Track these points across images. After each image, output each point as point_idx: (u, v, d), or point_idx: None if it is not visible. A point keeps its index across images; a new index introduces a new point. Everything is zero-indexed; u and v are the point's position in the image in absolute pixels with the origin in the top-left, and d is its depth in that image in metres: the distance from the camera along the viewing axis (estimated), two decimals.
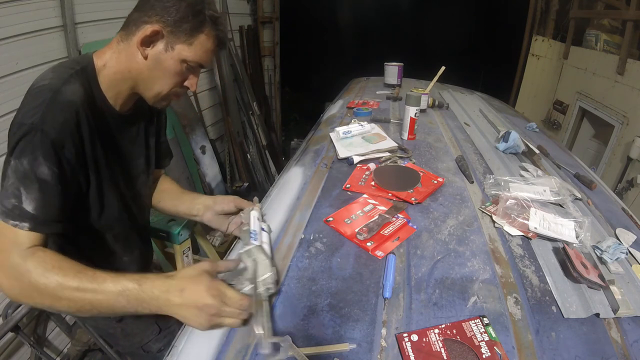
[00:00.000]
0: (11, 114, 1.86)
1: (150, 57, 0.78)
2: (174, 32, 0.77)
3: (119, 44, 0.79)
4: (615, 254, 0.89)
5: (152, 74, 0.80)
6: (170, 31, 0.76)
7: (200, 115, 3.50)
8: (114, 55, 0.79)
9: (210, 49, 0.82)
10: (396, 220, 0.99)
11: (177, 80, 0.82)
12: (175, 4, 0.76)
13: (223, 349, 0.65)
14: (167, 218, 1.40)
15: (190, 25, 0.77)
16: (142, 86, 0.82)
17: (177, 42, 0.78)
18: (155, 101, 0.85)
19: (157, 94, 0.83)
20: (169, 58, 0.78)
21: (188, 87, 0.86)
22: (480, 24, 5.63)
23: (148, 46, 0.77)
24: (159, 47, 0.78)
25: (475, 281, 0.80)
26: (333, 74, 4.36)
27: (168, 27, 0.76)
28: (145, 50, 0.77)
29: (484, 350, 0.64)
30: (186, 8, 0.76)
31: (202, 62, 0.83)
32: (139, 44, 0.76)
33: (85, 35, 2.19)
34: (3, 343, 1.75)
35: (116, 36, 0.80)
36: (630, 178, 2.77)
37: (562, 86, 3.83)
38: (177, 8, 0.75)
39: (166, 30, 0.76)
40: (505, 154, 1.51)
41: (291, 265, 0.85)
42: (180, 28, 0.77)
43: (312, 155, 1.44)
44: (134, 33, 0.77)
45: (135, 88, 0.83)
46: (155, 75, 0.80)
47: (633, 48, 2.83)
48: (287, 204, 1.09)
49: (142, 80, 0.81)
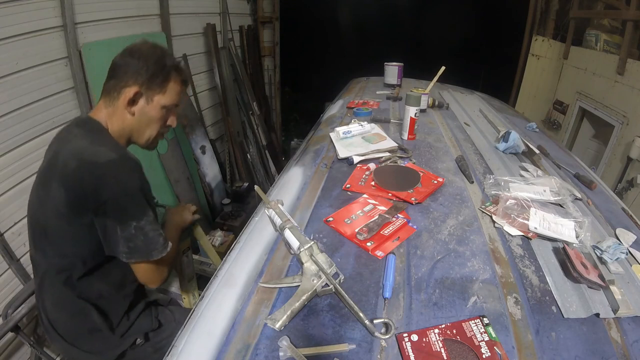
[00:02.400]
0: (11, 113, 1.87)
1: (137, 112, 0.96)
2: (150, 88, 0.95)
3: (107, 109, 0.96)
4: (615, 254, 0.89)
5: (142, 125, 0.99)
6: (146, 88, 0.94)
7: (200, 115, 3.50)
8: (108, 118, 0.96)
9: (180, 90, 1.02)
10: (396, 220, 0.99)
11: (161, 123, 1.02)
12: (143, 66, 0.93)
13: (223, 349, 0.65)
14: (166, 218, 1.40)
15: (161, 79, 0.95)
16: (135, 136, 1.01)
17: (154, 94, 0.96)
18: (147, 145, 1.05)
19: (148, 139, 1.03)
20: (152, 109, 0.97)
21: (170, 124, 1.06)
22: (480, 24, 5.62)
23: (133, 105, 0.95)
24: (141, 103, 0.96)
25: (475, 281, 0.80)
26: (333, 74, 4.36)
27: (144, 85, 0.94)
28: (131, 109, 0.95)
29: (484, 350, 0.64)
30: (154, 66, 0.94)
31: (176, 103, 1.02)
32: (125, 106, 0.94)
33: (85, 35, 2.19)
34: (3, 343, 1.75)
35: (99, 102, 0.97)
36: (630, 178, 2.76)
37: (562, 86, 3.83)
38: (146, 69, 0.93)
39: (143, 88, 0.94)
40: (505, 154, 1.51)
41: (291, 265, 0.85)
42: (154, 83, 0.95)
43: (312, 155, 1.44)
44: (117, 98, 0.94)
45: (131, 139, 1.02)
46: (144, 125, 0.99)
47: (633, 48, 2.83)
48: (287, 204, 1.09)
49: (135, 132, 1.00)
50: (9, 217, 1.87)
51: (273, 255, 0.89)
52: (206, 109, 3.70)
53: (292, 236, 0.81)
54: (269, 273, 0.83)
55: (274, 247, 0.91)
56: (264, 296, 0.76)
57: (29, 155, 1.95)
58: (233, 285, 0.80)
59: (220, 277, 0.84)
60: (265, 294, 0.77)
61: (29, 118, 1.92)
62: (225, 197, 3.69)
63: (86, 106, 2.23)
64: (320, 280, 0.74)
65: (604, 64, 3.09)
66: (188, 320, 0.74)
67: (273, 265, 0.85)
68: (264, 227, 0.99)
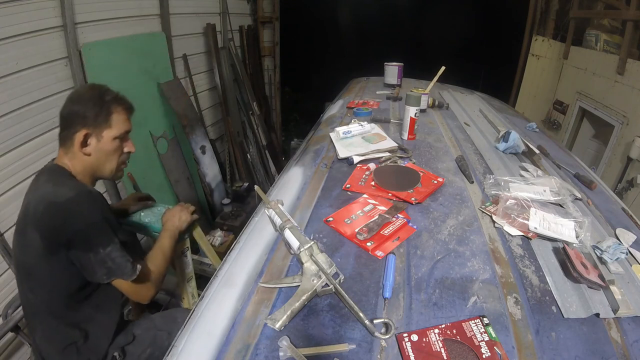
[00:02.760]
0: (11, 113, 1.87)
1: (92, 152, 1.03)
2: (97, 126, 1.02)
3: (67, 155, 1.03)
4: (615, 254, 0.89)
5: (101, 161, 1.06)
6: (93, 127, 1.01)
7: (200, 115, 3.50)
8: (70, 163, 1.03)
9: (125, 117, 1.09)
10: (396, 220, 0.99)
11: (118, 153, 1.10)
12: (85, 109, 1.00)
13: (223, 349, 0.65)
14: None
15: (104, 114, 1.02)
16: (99, 172, 1.09)
17: (102, 130, 1.03)
18: (112, 176, 1.13)
19: (111, 171, 1.11)
20: (104, 144, 1.04)
21: (129, 151, 1.13)
22: (480, 24, 5.63)
23: (86, 146, 1.02)
24: (93, 142, 1.03)
25: (475, 281, 0.80)
26: (333, 74, 4.36)
27: (90, 126, 1.01)
28: (86, 150, 1.02)
29: (484, 350, 0.64)
30: (94, 105, 1.01)
31: (126, 130, 1.10)
32: (79, 149, 1.01)
33: (85, 35, 2.19)
34: (3, 343, 1.75)
35: (59, 151, 1.04)
36: (630, 178, 2.76)
37: (562, 86, 3.83)
38: (87, 111, 1.00)
39: (91, 129, 1.01)
40: (505, 154, 1.51)
41: (291, 265, 0.85)
42: (98, 121, 1.01)
43: (312, 155, 1.44)
44: (72, 144, 1.01)
45: (96, 176, 1.10)
46: (103, 160, 1.07)
47: (633, 48, 2.83)
48: (287, 204, 1.09)
49: (97, 168, 1.07)
50: (9, 217, 1.87)
51: (273, 255, 0.89)
52: (206, 109, 3.70)
53: (292, 236, 0.81)
54: (269, 273, 0.83)
55: (274, 247, 0.91)
56: (264, 296, 0.76)
57: (29, 155, 1.95)
58: (233, 285, 0.80)
59: (220, 277, 0.84)
60: (265, 294, 0.77)
61: (29, 118, 1.92)
62: (225, 197, 3.69)
63: None
64: (320, 280, 0.74)
65: (604, 64, 3.09)
66: (188, 320, 0.74)
67: (273, 265, 0.85)
68: (264, 227, 0.99)
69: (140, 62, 2.64)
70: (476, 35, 5.66)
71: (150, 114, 2.78)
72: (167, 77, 2.92)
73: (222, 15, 3.70)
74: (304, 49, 6.23)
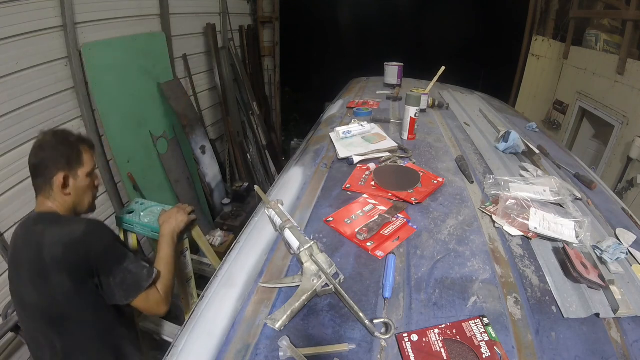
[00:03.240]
0: (11, 113, 1.87)
1: (72, 191, 1.09)
2: (71, 167, 1.08)
3: (48, 200, 1.07)
4: (615, 254, 0.89)
5: (79, 198, 1.12)
6: (69, 168, 1.07)
7: (200, 115, 3.50)
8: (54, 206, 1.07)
9: (92, 154, 1.16)
10: (396, 220, 0.99)
11: (92, 187, 1.17)
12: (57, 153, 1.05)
13: (223, 349, 0.65)
14: None
15: (75, 154, 1.09)
16: (78, 209, 1.14)
17: (77, 170, 1.10)
18: (89, 210, 1.19)
19: (89, 204, 1.18)
20: (81, 182, 1.11)
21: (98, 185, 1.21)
22: (480, 24, 5.63)
23: (67, 188, 1.07)
24: (72, 182, 1.09)
25: (475, 281, 0.80)
26: (333, 74, 4.36)
27: (66, 168, 1.07)
28: (67, 191, 1.08)
29: (484, 350, 0.64)
30: (64, 148, 1.07)
31: (94, 166, 1.17)
32: (61, 191, 1.06)
33: (85, 35, 2.19)
34: (3, 343, 1.75)
35: (39, 199, 1.08)
36: (630, 178, 2.76)
37: (562, 86, 3.83)
38: (60, 154, 1.06)
39: (67, 171, 1.07)
40: (505, 154, 1.51)
41: (291, 265, 0.85)
42: (72, 161, 1.08)
43: (312, 155, 1.44)
44: (51, 189, 1.06)
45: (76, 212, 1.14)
46: (81, 197, 1.13)
47: (633, 48, 2.83)
48: (287, 204, 1.09)
49: (77, 205, 1.13)
50: (9, 217, 1.87)
51: (273, 255, 0.89)
52: (206, 109, 3.70)
53: (292, 236, 0.81)
54: (269, 273, 0.83)
55: (274, 247, 0.91)
56: (264, 296, 0.76)
57: (29, 156, 1.95)
58: (233, 285, 0.80)
59: (220, 277, 0.84)
60: (265, 294, 0.77)
61: (29, 118, 1.92)
62: (225, 197, 3.69)
63: (86, 106, 2.23)
64: (320, 280, 0.74)
65: (604, 64, 3.09)
66: (188, 320, 0.74)
67: (273, 265, 0.85)
68: (264, 227, 0.99)
69: (140, 62, 2.64)
70: (476, 35, 5.66)
71: (150, 114, 2.78)
72: (167, 77, 2.92)
73: (222, 15, 3.70)
74: (304, 49, 6.23)
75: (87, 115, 2.25)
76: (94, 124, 2.32)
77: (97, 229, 1.05)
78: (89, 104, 2.26)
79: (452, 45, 5.41)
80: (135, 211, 1.42)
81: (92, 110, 2.29)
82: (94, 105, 2.29)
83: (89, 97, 2.25)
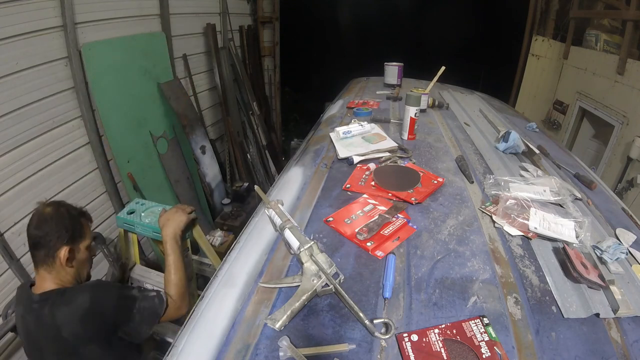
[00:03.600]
0: (11, 113, 1.87)
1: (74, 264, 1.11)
2: (75, 241, 1.10)
3: (50, 274, 1.07)
4: (615, 254, 0.89)
5: (81, 268, 1.15)
6: (72, 242, 1.09)
7: (200, 115, 3.50)
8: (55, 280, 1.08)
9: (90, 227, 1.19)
10: (396, 220, 0.99)
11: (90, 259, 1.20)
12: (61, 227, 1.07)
13: (223, 349, 0.65)
14: None
15: (78, 229, 1.12)
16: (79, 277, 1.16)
17: (79, 243, 1.12)
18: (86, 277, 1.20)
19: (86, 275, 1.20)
20: (82, 254, 1.14)
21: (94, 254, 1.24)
22: (480, 24, 5.63)
23: (70, 261, 1.09)
24: (74, 255, 1.10)
25: (475, 281, 0.80)
26: (333, 74, 4.35)
27: (70, 242, 1.08)
28: (71, 264, 1.10)
29: (484, 350, 0.64)
30: (68, 222, 1.09)
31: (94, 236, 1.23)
32: (65, 265, 1.07)
33: (85, 35, 2.19)
34: (3, 343, 1.75)
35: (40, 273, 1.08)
36: (630, 178, 2.76)
37: (562, 86, 3.83)
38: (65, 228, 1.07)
39: (71, 244, 1.09)
40: (505, 154, 1.51)
41: (291, 265, 0.85)
42: (75, 235, 1.10)
43: (312, 155, 1.44)
44: (54, 262, 1.06)
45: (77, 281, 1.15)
46: (82, 267, 1.16)
47: (633, 48, 2.83)
48: (287, 204, 1.09)
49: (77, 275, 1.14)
50: (9, 217, 1.87)
51: (273, 255, 0.89)
52: (206, 109, 3.70)
53: (292, 236, 0.81)
54: (269, 273, 0.83)
55: (274, 247, 0.91)
56: (264, 296, 0.76)
57: (29, 155, 1.95)
58: (233, 285, 0.80)
59: (220, 277, 0.84)
60: (265, 294, 0.77)
61: (29, 118, 1.92)
62: (225, 197, 3.70)
63: (86, 106, 2.23)
64: (320, 280, 0.74)
65: (604, 64, 3.09)
66: (188, 320, 0.74)
67: (273, 265, 0.85)
68: (264, 227, 0.99)
69: (140, 62, 2.64)
70: (476, 35, 5.66)
71: (150, 114, 2.78)
72: (167, 77, 2.92)
73: (222, 15, 3.70)
74: (304, 49, 6.23)
75: (87, 115, 2.25)
76: (94, 124, 2.32)
77: (101, 290, 1.08)
78: (89, 104, 2.26)
79: (452, 45, 5.41)
80: (135, 211, 1.42)
81: (92, 110, 2.29)
82: (94, 105, 2.29)
83: (89, 97, 2.25)
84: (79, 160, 2.28)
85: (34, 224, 1.07)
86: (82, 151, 2.30)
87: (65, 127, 2.16)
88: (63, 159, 2.17)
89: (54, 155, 2.10)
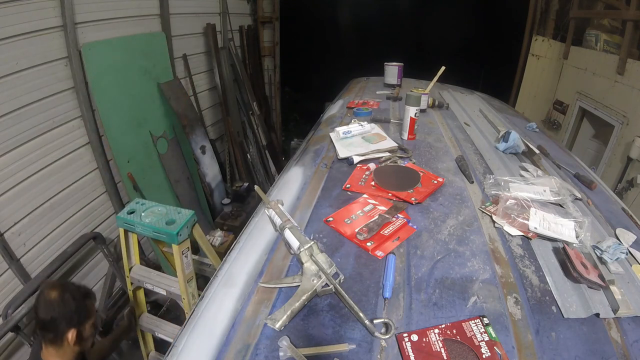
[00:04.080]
0: (11, 113, 1.87)
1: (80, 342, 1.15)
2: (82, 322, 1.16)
3: (58, 352, 1.13)
4: (615, 254, 0.89)
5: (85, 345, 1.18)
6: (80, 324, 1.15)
7: (200, 115, 3.50)
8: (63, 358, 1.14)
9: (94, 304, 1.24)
10: (396, 220, 0.99)
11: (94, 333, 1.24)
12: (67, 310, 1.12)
13: (223, 349, 0.65)
14: (166, 218, 1.40)
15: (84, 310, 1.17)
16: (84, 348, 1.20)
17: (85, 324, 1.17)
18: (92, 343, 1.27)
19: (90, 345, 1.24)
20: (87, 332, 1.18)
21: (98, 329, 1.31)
22: (480, 24, 5.62)
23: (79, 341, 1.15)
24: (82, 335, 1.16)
25: (475, 281, 0.80)
26: (333, 74, 4.35)
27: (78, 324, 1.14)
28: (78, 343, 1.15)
29: (484, 350, 0.64)
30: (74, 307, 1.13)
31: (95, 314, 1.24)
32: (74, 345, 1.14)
33: (85, 35, 2.19)
34: (3, 343, 1.75)
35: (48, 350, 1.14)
36: (630, 178, 2.76)
37: (562, 86, 3.83)
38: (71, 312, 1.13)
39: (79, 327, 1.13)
40: (505, 154, 1.51)
41: (291, 265, 0.85)
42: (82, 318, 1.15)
43: (312, 155, 1.44)
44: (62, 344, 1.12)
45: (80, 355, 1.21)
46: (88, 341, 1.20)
47: (633, 48, 2.83)
48: (287, 204, 1.09)
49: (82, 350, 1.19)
50: (9, 217, 1.87)
51: (273, 255, 0.89)
52: (206, 109, 3.70)
53: (292, 236, 0.81)
54: (269, 273, 0.83)
55: (274, 247, 0.91)
56: (264, 296, 0.76)
57: (29, 155, 1.95)
58: (233, 285, 0.80)
59: (220, 277, 0.84)
60: (265, 294, 0.77)
61: (29, 118, 1.92)
62: (225, 197, 3.70)
63: (86, 106, 2.24)
64: (320, 280, 0.74)
65: (604, 64, 3.09)
66: (188, 320, 0.74)
67: (273, 265, 0.85)
68: (264, 227, 0.99)
69: (140, 62, 2.64)
70: (476, 35, 5.65)
71: (150, 114, 2.78)
72: (167, 77, 2.92)
73: (222, 15, 3.70)
74: (304, 49, 6.22)
75: (87, 115, 2.25)
76: (94, 124, 2.32)
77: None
78: (89, 104, 2.26)
79: (452, 45, 5.40)
80: (136, 211, 1.42)
81: (92, 110, 2.30)
82: (94, 105, 2.29)
83: (89, 97, 2.25)
84: (79, 160, 2.29)
85: (41, 308, 1.12)
86: (82, 151, 2.30)
87: (65, 127, 2.16)
88: (63, 159, 2.17)
89: (54, 155, 2.11)
